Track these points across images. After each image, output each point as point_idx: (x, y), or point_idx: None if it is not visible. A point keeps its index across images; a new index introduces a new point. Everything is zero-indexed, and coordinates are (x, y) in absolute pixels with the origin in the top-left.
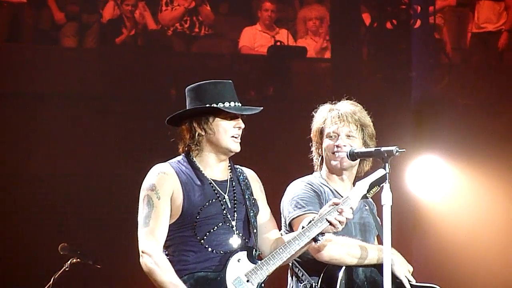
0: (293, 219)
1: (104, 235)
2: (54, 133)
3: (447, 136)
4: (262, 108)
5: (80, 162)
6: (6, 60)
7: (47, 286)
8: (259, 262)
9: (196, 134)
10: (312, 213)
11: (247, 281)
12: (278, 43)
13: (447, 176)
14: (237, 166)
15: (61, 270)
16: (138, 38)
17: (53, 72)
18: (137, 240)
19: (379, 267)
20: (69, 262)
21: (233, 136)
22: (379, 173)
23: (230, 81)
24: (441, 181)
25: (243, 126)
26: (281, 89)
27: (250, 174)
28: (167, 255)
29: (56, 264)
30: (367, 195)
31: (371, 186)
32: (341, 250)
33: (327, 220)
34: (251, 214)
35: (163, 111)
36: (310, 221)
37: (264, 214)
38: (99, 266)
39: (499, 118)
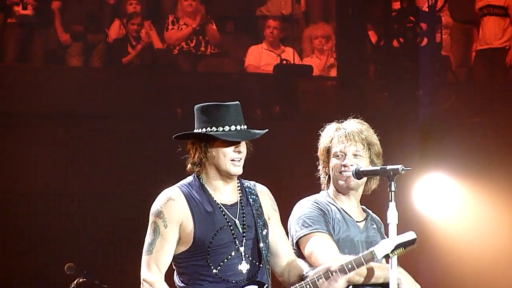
0: (300, 238)
1: (110, 255)
2: (60, 153)
3: (454, 154)
4: (262, 132)
5: (86, 181)
6: (14, 80)
7: None
8: None
9: (199, 157)
10: (319, 231)
11: None
12: (284, 62)
13: (455, 194)
14: (247, 183)
15: None
16: (144, 57)
17: (59, 92)
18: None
19: (386, 286)
20: (75, 282)
21: (233, 160)
22: (409, 235)
23: (237, 102)
24: (448, 199)
25: (243, 150)
26: (287, 108)
27: (261, 191)
28: (181, 282)
29: (63, 284)
30: (390, 254)
31: (397, 246)
32: None
33: None
34: (260, 236)
35: (169, 130)
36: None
37: (276, 234)
38: (105, 286)
39: (506, 136)
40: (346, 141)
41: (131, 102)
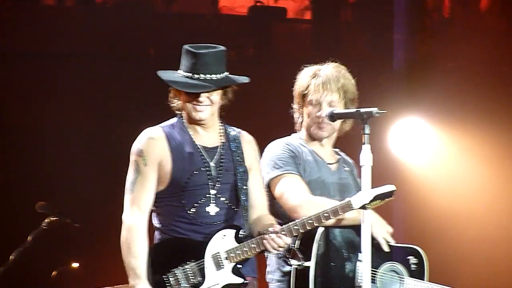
0: (271, 179)
1: (83, 194)
2: (29, 91)
3: (430, 99)
4: (223, 84)
5: (58, 120)
6: None
7: (23, 245)
8: (242, 244)
9: (175, 98)
10: (290, 173)
11: (226, 258)
12: (258, 3)
13: (429, 138)
14: (232, 130)
15: (38, 229)
16: None
17: (31, 31)
18: (117, 201)
19: (356, 228)
20: (47, 220)
21: (194, 105)
22: (387, 188)
23: (219, 50)
24: (424, 144)
25: (202, 99)
26: (261, 50)
27: (246, 139)
28: (158, 222)
29: (33, 223)
30: (367, 205)
31: (376, 198)
32: (319, 210)
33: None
34: (240, 182)
35: (142, 71)
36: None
37: (254, 185)
38: (77, 225)
39: (481, 80)
40: (322, 91)
41: (104, 42)
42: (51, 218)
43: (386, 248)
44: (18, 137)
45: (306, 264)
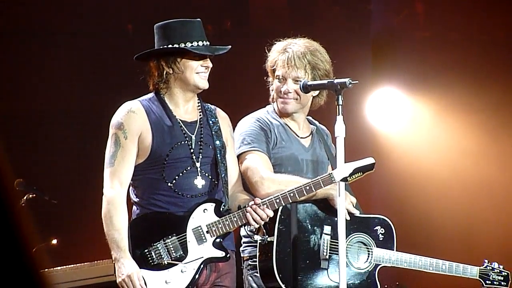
0: (239, 154)
1: (61, 170)
2: (8, 69)
3: (406, 69)
4: (227, 47)
5: (37, 98)
6: None
7: None
8: (223, 217)
9: (164, 73)
10: (257, 150)
11: (207, 232)
12: None
13: (406, 108)
14: (209, 106)
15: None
16: None
17: (5, 7)
18: (94, 176)
19: (319, 201)
20: (25, 197)
21: (199, 73)
22: (367, 160)
23: (199, 19)
24: (400, 114)
25: (210, 65)
26: (238, 24)
27: (221, 115)
28: (136, 196)
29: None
30: (348, 178)
31: (356, 171)
32: (278, 187)
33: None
34: (219, 156)
35: (120, 47)
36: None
37: (228, 161)
38: (55, 202)
39: (456, 50)
40: (288, 67)
41: (80, 19)
42: (30, 196)
43: (347, 218)
44: None
45: (270, 239)
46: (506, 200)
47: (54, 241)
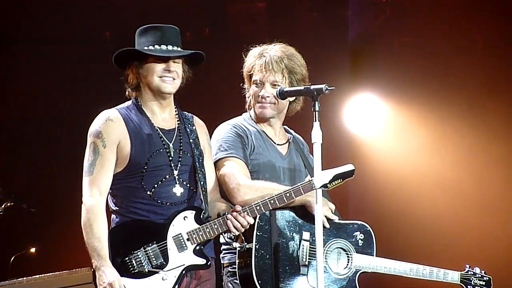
0: (216, 161)
1: (39, 178)
2: None
3: (384, 75)
4: (190, 51)
5: (15, 106)
6: None
7: None
8: (204, 225)
9: (134, 78)
10: (234, 156)
11: (187, 239)
12: None
13: (383, 114)
14: (186, 114)
15: None
16: None
17: None
18: (72, 184)
19: (297, 208)
20: (3, 206)
21: (162, 77)
22: (347, 167)
23: (175, 27)
24: (377, 119)
25: (173, 69)
26: (217, 30)
27: (199, 123)
28: (115, 205)
29: None
30: (328, 185)
31: (335, 177)
32: (255, 194)
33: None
34: (197, 163)
35: (98, 54)
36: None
37: (206, 169)
38: (33, 210)
39: (434, 55)
40: (265, 71)
41: (59, 26)
42: (7, 204)
43: (327, 225)
44: None
45: (248, 246)
46: (488, 203)
47: (33, 249)
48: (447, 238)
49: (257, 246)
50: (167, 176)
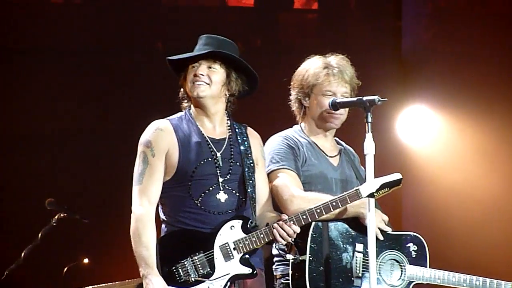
0: (268, 173)
1: (91, 189)
2: (38, 89)
3: (437, 85)
4: (209, 51)
5: (68, 118)
6: None
7: (34, 242)
8: (250, 234)
9: (181, 88)
10: (286, 168)
11: (234, 249)
12: None
13: (438, 126)
14: (240, 125)
15: (48, 226)
16: None
17: (40, 28)
18: (124, 195)
19: (349, 220)
20: (56, 217)
21: (193, 82)
22: (394, 176)
23: (211, 35)
24: (432, 132)
25: (200, 73)
26: (268, 41)
27: (253, 134)
28: (164, 214)
29: (43, 219)
30: (375, 194)
31: (382, 186)
32: (309, 205)
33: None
34: (247, 174)
35: (150, 65)
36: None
37: (259, 180)
38: (86, 221)
39: (487, 66)
40: (338, 82)
41: (111, 37)
42: (61, 215)
43: (380, 237)
44: (26, 137)
45: (302, 258)
46: None
47: (86, 260)
48: (499, 249)
49: (310, 258)
50: (214, 185)
